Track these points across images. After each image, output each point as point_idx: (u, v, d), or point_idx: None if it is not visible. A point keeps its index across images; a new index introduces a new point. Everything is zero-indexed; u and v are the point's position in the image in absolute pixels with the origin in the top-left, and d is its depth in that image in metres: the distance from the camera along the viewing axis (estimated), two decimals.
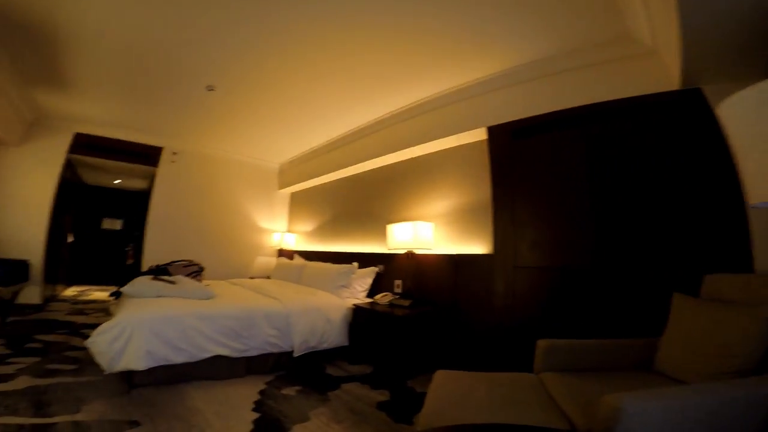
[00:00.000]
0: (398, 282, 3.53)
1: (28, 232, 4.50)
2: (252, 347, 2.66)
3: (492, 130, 2.97)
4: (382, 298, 3.33)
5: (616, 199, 2.26)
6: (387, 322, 2.85)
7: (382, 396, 2.40)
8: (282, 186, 6.25)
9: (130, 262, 7.94)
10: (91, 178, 6.74)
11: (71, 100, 4.09)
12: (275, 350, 2.77)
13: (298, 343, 2.85)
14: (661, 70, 2.18)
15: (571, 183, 2.47)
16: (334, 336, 3.08)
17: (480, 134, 3.11)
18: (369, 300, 3.52)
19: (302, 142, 5.16)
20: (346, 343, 3.15)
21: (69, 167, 5.02)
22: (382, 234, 3.81)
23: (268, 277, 5.19)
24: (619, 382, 1.54)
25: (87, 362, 2.57)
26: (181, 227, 5.42)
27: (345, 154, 4.67)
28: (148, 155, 5.32)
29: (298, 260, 5.01)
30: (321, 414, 2.10)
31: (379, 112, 3.92)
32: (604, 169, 2.33)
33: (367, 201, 4.42)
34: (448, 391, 1.57)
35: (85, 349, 2.82)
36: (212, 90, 3.59)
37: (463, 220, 3.24)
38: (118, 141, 5.11)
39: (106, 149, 5.09)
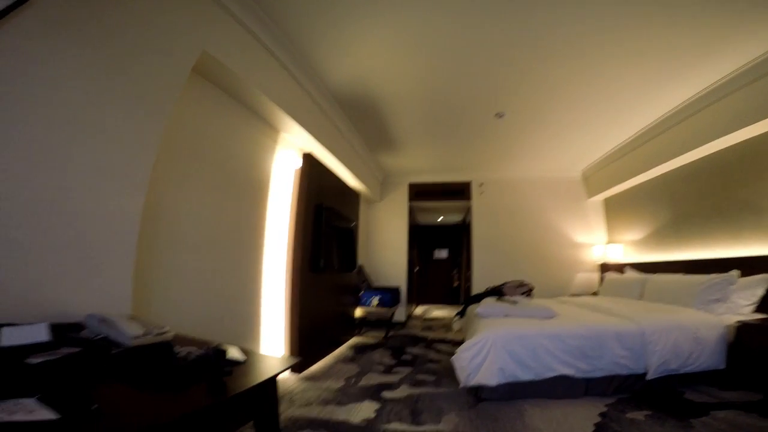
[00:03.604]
0: None
1: (396, 265, 6.46)
2: (598, 368, 2.62)
3: None
4: None
5: None
6: None
7: None
8: (591, 194, 5.93)
9: (455, 284, 9.65)
10: (422, 218, 8.85)
11: (399, 157, 5.63)
12: (623, 372, 2.63)
13: (656, 365, 2.60)
14: None
15: None
16: (704, 358, 2.66)
17: None
18: (761, 316, 2.80)
19: (603, 142, 4.84)
20: (720, 366, 2.67)
21: (410, 212, 6.83)
22: None
23: (595, 294, 5.00)
24: None
25: (442, 374, 3.25)
26: (500, 250, 6.17)
27: (670, 141, 3.97)
28: (462, 191, 6.49)
29: (632, 274, 4.55)
30: None
31: (712, 79, 3.17)
32: None
33: (731, 190, 3.48)
34: None
35: (439, 362, 3.69)
36: (502, 116, 4.02)
37: None
38: (437, 184, 6.58)
39: (430, 192, 6.63)
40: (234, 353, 1.26)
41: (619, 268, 5.11)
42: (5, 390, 0.75)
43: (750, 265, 3.10)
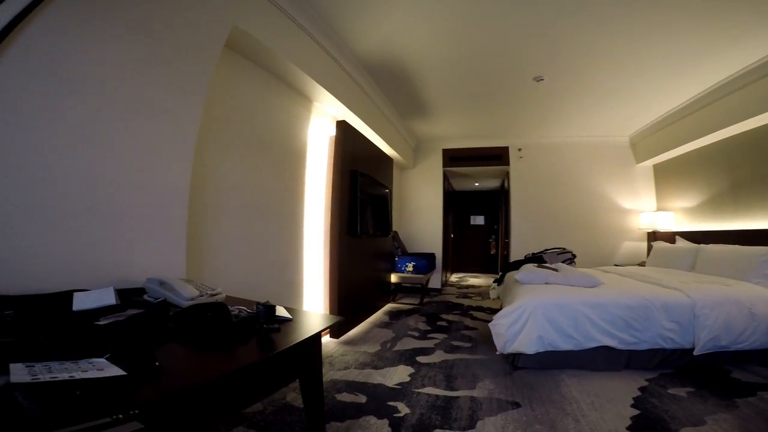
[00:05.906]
0: None
1: (431, 232, 6.50)
2: (642, 340, 2.57)
3: None
4: None
5: None
6: None
7: None
8: (640, 159, 5.62)
9: (492, 252, 9.60)
10: (457, 184, 8.73)
11: (432, 123, 5.54)
12: (668, 346, 2.57)
13: (705, 340, 2.50)
14: None
15: None
16: (758, 335, 2.52)
17: None
18: None
19: (653, 108, 4.60)
20: None
21: (445, 178, 6.77)
22: None
23: (642, 264, 4.85)
24: None
25: (478, 341, 3.32)
26: (539, 216, 6.06)
27: (727, 108, 3.71)
28: (499, 156, 6.33)
29: (683, 243, 4.37)
30: (722, 420, 1.89)
31: None
32: None
33: None
34: None
35: (475, 329, 3.76)
36: (541, 80, 3.85)
37: None
38: (472, 149, 6.44)
39: (465, 158, 6.52)
40: (281, 311, 1.33)
41: (670, 237, 4.90)
42: (79, 350, 0.82)
43: None
